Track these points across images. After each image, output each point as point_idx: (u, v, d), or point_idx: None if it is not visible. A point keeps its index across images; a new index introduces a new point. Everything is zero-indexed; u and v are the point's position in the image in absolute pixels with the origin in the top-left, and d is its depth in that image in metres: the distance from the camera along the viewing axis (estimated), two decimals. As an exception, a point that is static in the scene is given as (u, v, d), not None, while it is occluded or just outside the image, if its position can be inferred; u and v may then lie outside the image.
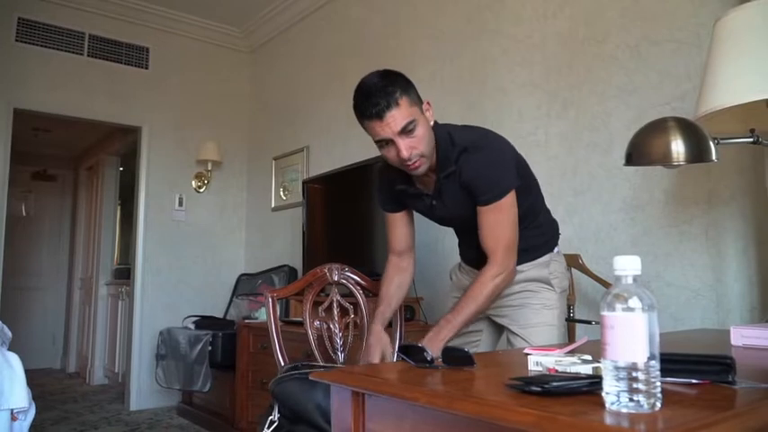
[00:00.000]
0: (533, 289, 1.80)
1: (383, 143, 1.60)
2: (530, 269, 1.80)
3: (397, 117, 1.54)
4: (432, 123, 1.67)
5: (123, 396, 4.83)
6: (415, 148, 1.58)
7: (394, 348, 1.87)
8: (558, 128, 2.72)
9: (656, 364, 0.70)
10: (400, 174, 1.74)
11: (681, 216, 2.26)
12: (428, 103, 1.67)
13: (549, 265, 1.82)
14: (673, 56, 2.32)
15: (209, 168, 5.04)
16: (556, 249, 1.89)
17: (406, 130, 1.56)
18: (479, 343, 1.94)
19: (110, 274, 6.21)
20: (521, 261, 1.74)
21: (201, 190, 5.07)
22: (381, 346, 1.84)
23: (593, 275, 2.39)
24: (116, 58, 4.71)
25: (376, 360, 1.81)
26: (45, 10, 4.42)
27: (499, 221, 1.65)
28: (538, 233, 1.81)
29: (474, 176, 1.64)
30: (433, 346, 1.56)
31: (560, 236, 1.95)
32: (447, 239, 2.94)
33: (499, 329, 1.93)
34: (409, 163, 1.60)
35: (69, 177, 7.57)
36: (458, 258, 2.06)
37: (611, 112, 2.52)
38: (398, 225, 1.92)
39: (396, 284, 1.94)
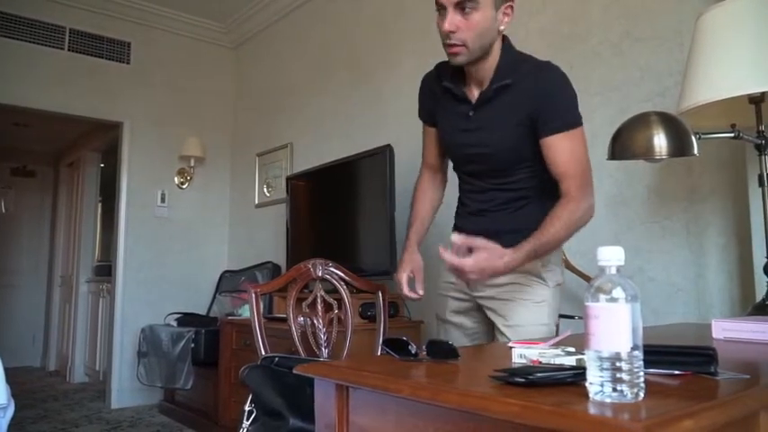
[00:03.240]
0: (523, 282, 1.63)
1: (439, 8, 1.50)
2: None
3: None
4: (502, 30, 1.55)
5: (104, 394, 4.78)
6: (460, 30, 1.48)
7: (422, 275, 1.77)
8: (541, 124, 2.73)
9: (639, 354, 0.71)
10: (449, 72, 1.64)
11: (663, 211, 2.28)
12: (511, 7, 1.54)
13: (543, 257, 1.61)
14: (654, 52, 2.34)
15: (192, 164, 5.00)
16: None
17: (462, 6, 1.46)
18: (478, 336, 1.79)
19: (90, 271, 6.14)
20: (512, 245, 1.45)
21: (184, 186, 5.02)
22: (412, 266, 1.77)
23: (576, 270, 2.40)
24: (97, 52, 4.65)
25: (402, 278, 1.74)
26: (25, 4, 4.35)
27: (576, 150, 1.51)
28: (541, 216, 1.52)
29: (548, 95, 1.52)
30: (515, 256, 1.42)
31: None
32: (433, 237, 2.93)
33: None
34: (448, 41, 1.50)
35: (49, 173, 7.47)
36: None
37: (594, 108, 2.53)
38: (434, 138, 1.82)
39: (429, 200, 1.87)
